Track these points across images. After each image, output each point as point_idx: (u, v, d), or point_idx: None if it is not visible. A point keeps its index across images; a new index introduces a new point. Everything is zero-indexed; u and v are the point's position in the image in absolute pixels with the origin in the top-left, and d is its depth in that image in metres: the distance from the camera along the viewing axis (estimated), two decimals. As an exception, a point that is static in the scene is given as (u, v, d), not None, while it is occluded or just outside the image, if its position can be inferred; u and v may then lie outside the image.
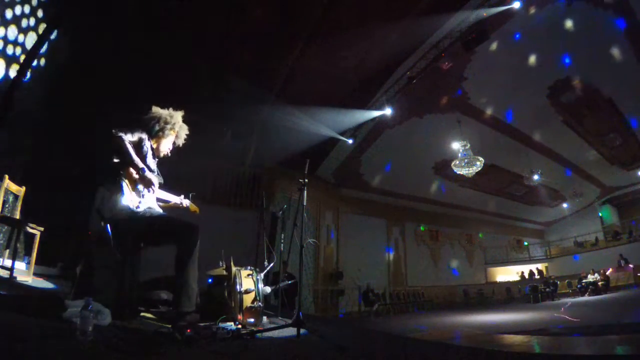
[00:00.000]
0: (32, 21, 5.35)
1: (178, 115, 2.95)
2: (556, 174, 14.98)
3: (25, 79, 5.34)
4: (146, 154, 2.73)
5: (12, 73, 5.08)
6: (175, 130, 2.93)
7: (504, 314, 9.60)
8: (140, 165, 2.56)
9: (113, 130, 2.52)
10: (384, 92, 9.59)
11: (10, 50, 4.99)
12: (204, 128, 3.08)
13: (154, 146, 2.87)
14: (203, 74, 7.61)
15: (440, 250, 17.00)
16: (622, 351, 2.86)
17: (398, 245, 15.56)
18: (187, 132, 3.03)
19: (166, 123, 2.86)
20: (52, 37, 5.78)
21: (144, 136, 2.73)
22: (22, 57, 5.23)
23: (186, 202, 3.18)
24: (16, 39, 5.08)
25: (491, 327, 7.03)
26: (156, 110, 2.91)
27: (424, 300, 14.73)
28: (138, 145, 2.68)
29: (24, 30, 5.22)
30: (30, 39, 5.33)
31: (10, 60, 5.01)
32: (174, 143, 2.98)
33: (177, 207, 3.10)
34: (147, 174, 2.59)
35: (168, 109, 2.94)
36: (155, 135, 2.85)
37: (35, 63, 5.53)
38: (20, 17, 5.10)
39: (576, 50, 9.33)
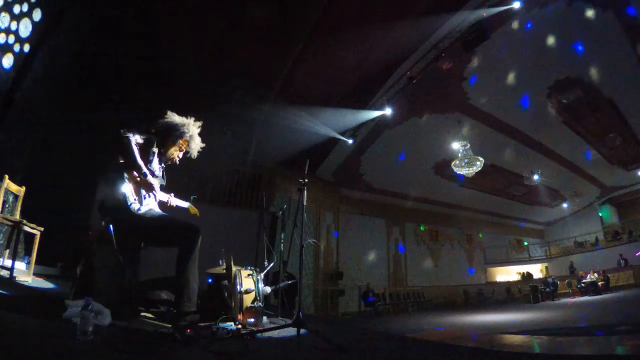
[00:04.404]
0: (25, 7, 5.17)
1: (192, 126, 2.91)
2: (556, 174, 14.98)
3: (26, 80, 5.33)
4: (152, 157, 2.73)
5: (6, 62, 4.99)
6: (186, 140, 2.90)
7: (504, 314, 9.60)
8: (143, 169, 2.56)
9: (121, 130, 2.52)
10: (384, 92, 9.58)
11: (2, 38, 4.89)
12: (204, 128, 3.07)
13: (162, 151, 2.86)
14: (203, 73, 7.61)
15: (440, 250, 17.00)
16: (622, 351, 2.87)
17: (398, 245, 15.57)
18: (201, 145, 2.99)
19: (176, 130, 2.84)
20: (52, 37, 5.75)
21: (152, 140, 2.72)
22: (16, 46, 5.13)
23: (185, 204, 3.19)
24: (9, 26, 4.96)
25: (491, 327, 7.03)
26: (170, 116, 2.89)
27: (424, 300, 14.73)
28: (145, 148, 2.67)
29: (17, 17, 5.06)
30: (24, 26, 5.20)
31: (4, 49, 4.92)
32: (185, 153, 2.97)
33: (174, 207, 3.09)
34: (149, 178, 2.59)
35: (188, 118, 2.92)
36: (165, 140, 2.84)
37: (35, 63, 5.51)
38: (12, 3, 4.98)
39: (576, 50, 9.32)
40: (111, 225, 2.51)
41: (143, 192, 2.64)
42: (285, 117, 8.91)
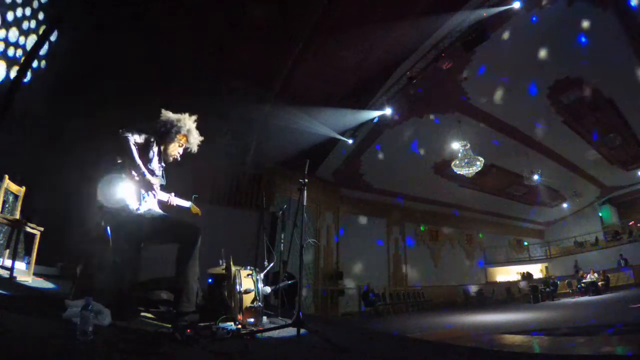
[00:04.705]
0: (33, 23, 5.38)
1: (187, 120, 2.92)
2: (556, 174, 14.98)
3: (26, 80, 5.34)
4: (152, 156, 2.73)
5: (13, 74, 5.10)
6: (183, 135, 2.91)
7: (504, 314, 9.61)
8: (142, 168, 2.56)
9: (120, 130, 2.52)
10: (384, 92, 9.58)
11: (11, 52, 5.01)
12: (203, 128, 3.07)
13: (162, 150, 2.86)
14: (203, 73, 7.61)
15: (440, 250, 17.01)
16: (622, 351, 2.87)
17: (398, 245, 15.57)
18: (200, 139, 3.00)
19: (172, 126, 2.85)
20: (53, 38, 5.78)
21: (152, 139, 2.73)
22: (23, 59, 5.25)
23: (187, 203, 3.18)
24: (17, 40, 5.09)
25: (491, 327, 7.04)
26: (165, 114, 2.91)
27: (424, 300, 14.73)
28: (144, 148, 2.67)
29: (25, 33, 5.24)
30: (31, 41, 5.37)
31: (11, 62, 5.03)
32: (185, 149, 2.97)
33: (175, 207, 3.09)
34: (148, 177, 2.58)
35: (182, 114, 2.93)
36: (162, 138, 2.84)
37: (35, 64, 5.53)
38: (22, 19, 5.12)
39: (576, 50, 9.32)
40: (110, 226, 2.50)
41: (142, 191, 2.64)
42: (285, 117, 8.91)
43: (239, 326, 2.88)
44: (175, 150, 2.91)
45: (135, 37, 6.57)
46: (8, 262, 3.69)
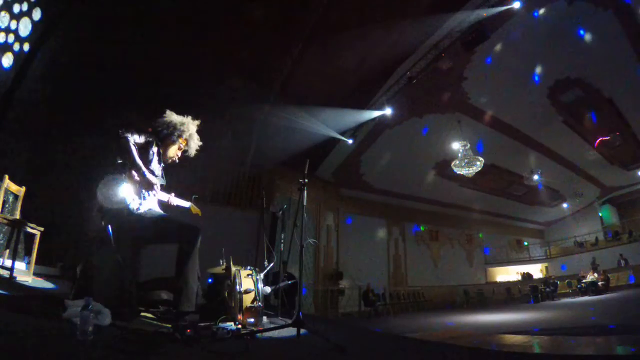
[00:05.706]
0: (24, 6, 5.22)
1: (190, 124, 2.93)
2: (556, 174, 14.98)
3: (26, 80, 5.34)
4: (152, 157, 2.73)
5: (5, 62, 5.01)
6: (185, 139, 2.91)
7: (504, 314, 9.61)
8: (142, 168, 2.56)
9: (119, 131, 2.52)
10: (384, 92, 9.58)
11: (2, 38, 4.92)
12: (204, 128, 3.07)
13: (162, 151, 2.86)
14: (203, 73, 7.61)
15: (440, 250, 17.00)
16: (622, 351, 2.87)
17: (398, 245, 15.56)
18: (199, 144, 3.00)
19: (175, 129, 2.85)
20: (52, 36, 5.77)
21: (152, 139, 2.73)
22: (16, 45, 5.16)
23: (187, 203, 3.19)
24: (9, 25, 5.00)
25: (491, 327, 7.04)
26: (169, 115, 2.90)
27: (424, 300, 14.73)
28: (144, 148, 2.67)
29: (17, 16, 5.11)
30: (24, 25, 5.23)
31: (3, 48, 4.95)
32: (184, 152, 2.97)
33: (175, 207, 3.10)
34: (148, 177, 2.59)
35: (186, 117, 2.93)
36: (163, 140, 2.84)
37: (35, 64, 5.52)
38: (12, 2, 5.00)
39: (576, 50, 9.33)
40: (111, 226, 2.51)
41: (142, 192, 2.65)
42: (285, 117, 8.91)
43: (239, 326, 2.88)
44: (174, 152, 2.92)
45: (136, 37, 6.57)
46: (8, 262, 3.69)
